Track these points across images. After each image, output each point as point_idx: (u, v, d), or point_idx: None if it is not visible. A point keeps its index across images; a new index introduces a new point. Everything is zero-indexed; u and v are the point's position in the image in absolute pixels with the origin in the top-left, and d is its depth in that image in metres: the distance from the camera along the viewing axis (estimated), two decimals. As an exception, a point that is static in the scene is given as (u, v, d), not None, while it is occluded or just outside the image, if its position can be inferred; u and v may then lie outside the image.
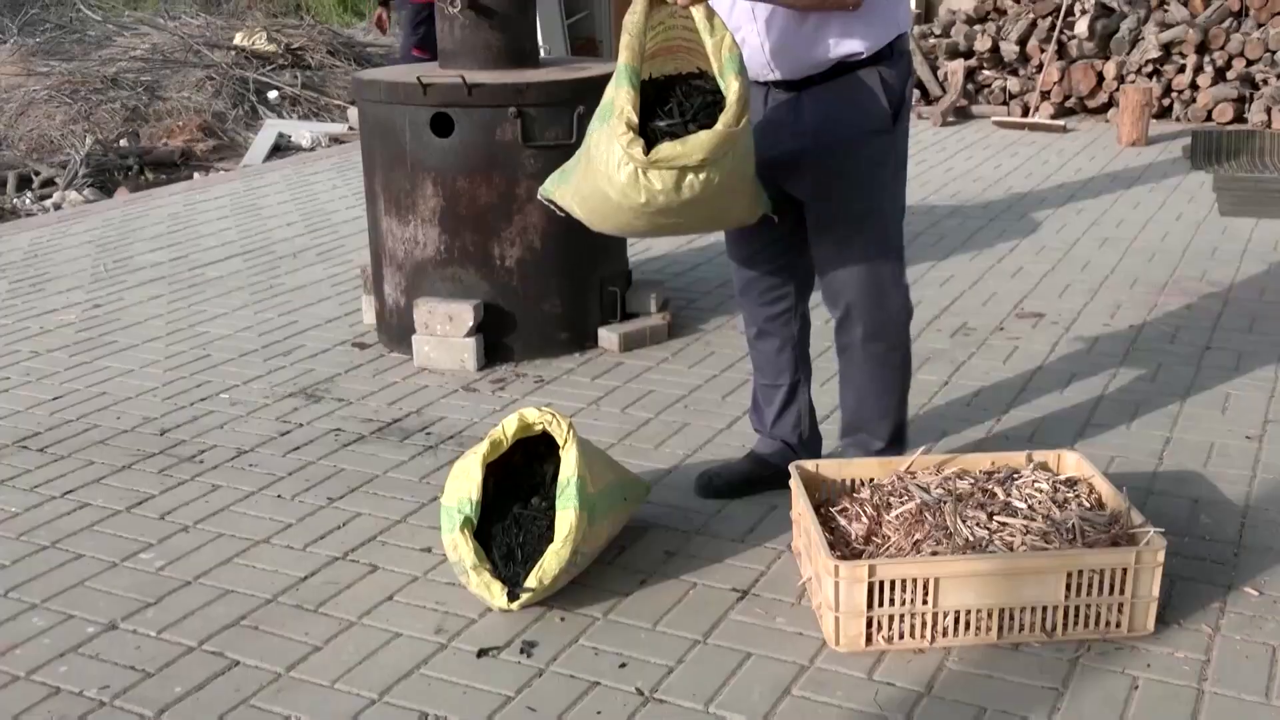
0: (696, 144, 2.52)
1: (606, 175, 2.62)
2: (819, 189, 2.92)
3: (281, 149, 9.14)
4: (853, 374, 3.11)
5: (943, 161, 7.49)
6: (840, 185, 2.90)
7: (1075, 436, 3.55)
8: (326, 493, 3.31)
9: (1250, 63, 8.62)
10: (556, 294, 4.26)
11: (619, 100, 2.57)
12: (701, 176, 2.56)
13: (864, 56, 2.83)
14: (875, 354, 3.05)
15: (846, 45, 2.80)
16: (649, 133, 2.59)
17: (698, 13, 2.61)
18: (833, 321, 3.08)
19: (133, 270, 5.57)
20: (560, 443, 2.69)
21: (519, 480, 2.79)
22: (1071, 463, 2.94)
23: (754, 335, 3.24)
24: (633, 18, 2.61)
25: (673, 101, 2.69)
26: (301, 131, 9.39)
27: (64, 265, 5.67)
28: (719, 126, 2.53)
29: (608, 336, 4.36)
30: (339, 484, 3.36)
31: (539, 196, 3.01)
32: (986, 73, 9.48)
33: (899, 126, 2.94)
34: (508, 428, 2.74)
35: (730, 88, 2.56)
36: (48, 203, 7.62)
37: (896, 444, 3.14)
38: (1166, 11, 8.97)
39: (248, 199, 7.04)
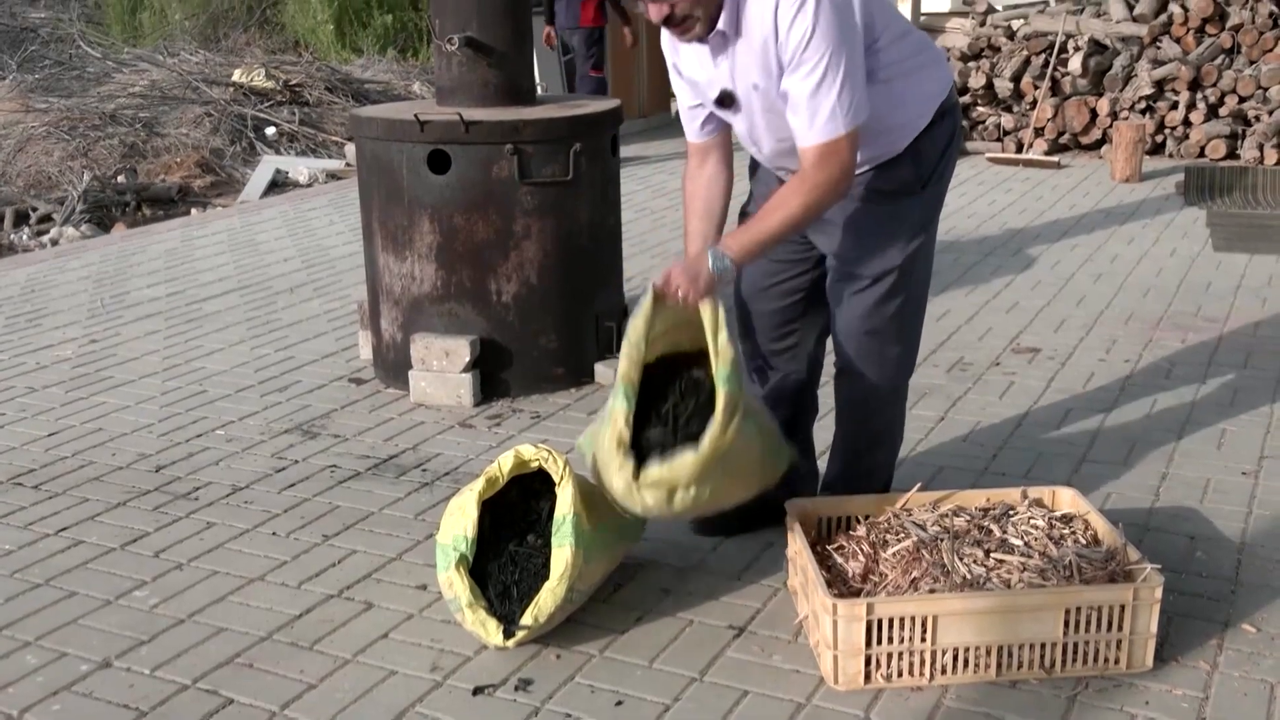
0: (682, 467, 2.55)
1: (608, 478, 2.66)
2: (841, 247, 2.87)
3: (279, 185, 9.17)
4: (842, 424, 3.13)
5: (938, 197, 7.51)
6: (857, 246, 2.85)
7: (1071, 472, 3.55)
8: (322, 530, 3.30)
9: (1242, 99, 8.68)
10: (553, 329, 4.27)
11: (614, 414, 2.61)
12: (692, 492, 2.59)
13: (901, 150, 2.82)
14: (865, 402, 3.06)
15: (894, 142, 2.80)
16: (642, 441, 2.62)
17: (705, 311, 2.62)
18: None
19: (129, 306, 5.57)
20: (556, 480, 2.69)
21: (515, 517, 2.78)
22: (1067, 499, 2.94)
23: (754, 370, 3.17)
24: (636, 323, 2.62)
25: (669, 401, 2.69)
26: (299, 168, 9.42)
27: (61, 301, 5.67)
28: (704, 447, 2.54)
29: (604, 372, 4.37)
30: (334, 521, 3.35)
31: (577, 450, 2.92)
32: (981, 109, 9.54)
33: (930, 189, 2.88)
34: (504, 465, 2.74)
35: (719, 401, 2.56)
36: (45, 238, 7.64)
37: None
38: (1159, 49, 9.03)
39: (245, 235, 7.05)
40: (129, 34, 16.85)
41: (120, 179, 8.94)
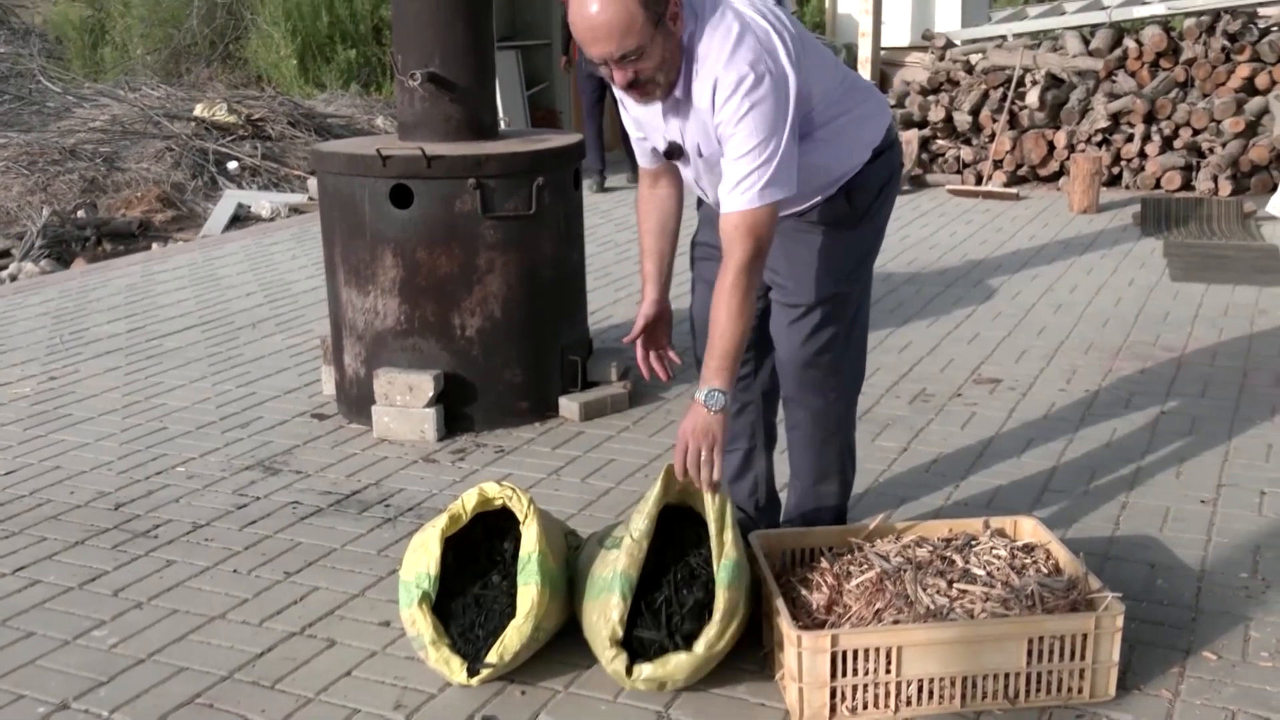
0: (677, 666, 2.53)
1: (597, 649, 2.62)
2: (779, 274, 2.91)
3: (241, 219, 9.13)
4: (794, 447, 3.14)
5: (899, 229, 7.58)
6: (795, 273, 2.89)
7: (1033, 502, 3.58)
8: (283, 567, 3.28)
9: (1196, 132, 8.82)
10: (517, 363, 4.26)
11: (609, 606, 2.54)
12: (682, 681, 2.58)
13: (844, 183, 2.86)
14: (805, 435, 3.08)
15: (833, 184, 2.84)
16: (633, 639, 2.57)
17: (712, 504, 2.60)
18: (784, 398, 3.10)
19: (89, 342, 5.53)
20: (521, 518, 2.68)
21: (479, 554, 2.77)
22: (1029, 529, 2.96)
23: None
24: (639, 523, 2.59)
25: (664, 593, 2.62)
26: (261, 202, 9.39)
27: (19, 337, 5.62)
28: (699, 649, 2.52)
29: (568, 406, 4.37)
30: (296, 558, 3.33)
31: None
32: (940, 142, 9.64)
33: (866, 223, 2.92)
34: (467, 502, 2.73)
35: (718, 604, 2.54)
36: (3, 274, 7.57)
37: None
38: (1114, 82, 9.17)
39: (206, 269, 7.02)
40: (90, 69, 16.77)
41: (80, 214, 8.88)
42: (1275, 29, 9.26)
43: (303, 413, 4.52)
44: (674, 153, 2.78)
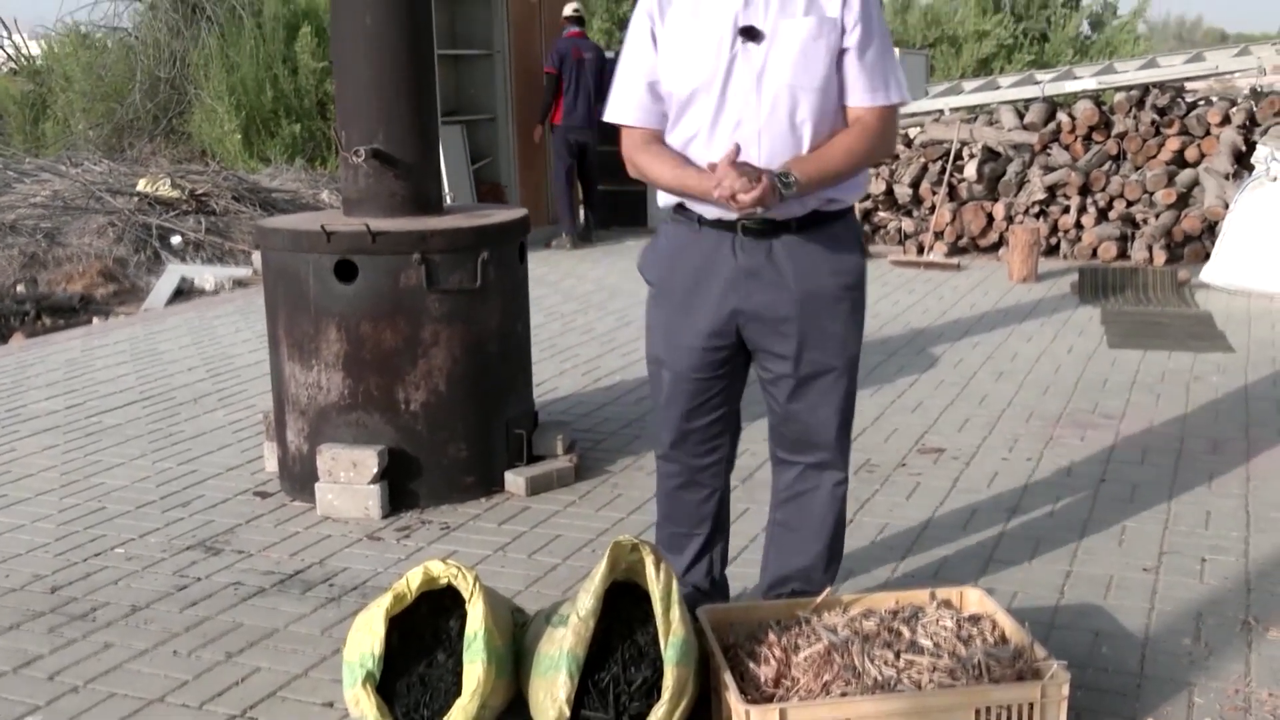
0: None
1: None
2: (803, 344, 2.87)
3: (184, 293, 9.07)
4: (805, 522, 3.06)
5: (842, 300, 7.65)
6: (826, 340, 2.88)
7: (978, 572, 3.59)
8: (225, 647, 3.22)
9: (1130, 203, 9.02)
10: (462, 438, 4.25)
11: (557, 685, 2.52)
12: None
13: (846, 205, 2.89)
14: (839, 496, 3.06)
15: (840, 192, 2.84)
16: (581, 718, 2.55)
17: (657, 582, 2.59)
18: (786, 471, 3.06)
19: (26, 420, 5.44)
20: (466, 596, 2.66)
21: (424, 632, 2.74)
22: (974, 599, 2.97)
23: (677, 486, 3.13)
24: (586, 601, 2.58)
25: (611, 671, 2.60)
26: (205, 275, 9.34)
27: (-46, 416, 5.52)
28: None
29: (514, 480, 4.35)
30: (238, 638, 3.27)
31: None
32: (882, 214, 9.79)
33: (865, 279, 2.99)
34: (412, 581, 2.70)
35: (668, 681, 2.53)
36: (-61, 351, 7.45)
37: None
38: (1049, 155, 9.37)
39: (148, 344, 6.95)
40: (31, 144, 16.67)
41: (20, 288, 8.78)
42: (1202, 103, 9.53)
43: (245, 490, 4.47)
44: (750, 34, 2.71)
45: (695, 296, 2.90)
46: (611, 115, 2.90)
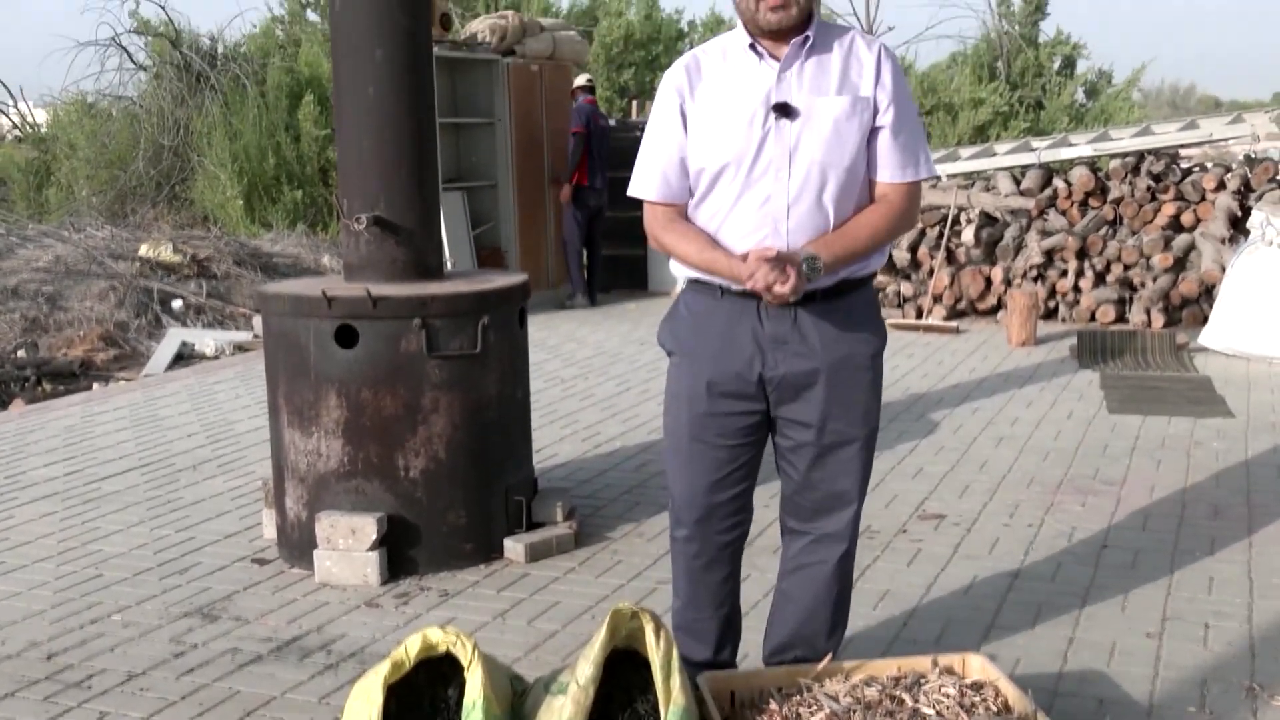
0: None
1: None
2: (828, 413, 2.87)
3: (185, 358, 9.08)
4: (812, 591, 3.03)
5: (842, 364, 7.66)
6: (850, 410, 2.88)
7: (981, 639, 3.57)
8: (222, 716, 3.19)
9: (1128, 267, 9.07)
10: (461, 505, 4.23)
11: None
12: None
13: (871, 272, 2.91)
14: (846, 569, 3.04)
15: (865, 262, 2.86)
16: None
17: (657, 651, 2.58)
18: (795, 541, 3.04)
19: (24, 486, 5.42)
20: (465, 664, 2.64)
21: (422, 701, 2.71)
22: (977, 666, 2.95)
23: (702, 566, 3.08)
24: (586, 669, 2.58)
25: None
26: (205, 340, 9.36)
27: (-48, 482, 5.51)
28: None
29: (513, 547, 4.33)
30: (234, 707, 3.24)
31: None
32: (881, 277, 9.83)
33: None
34: (410, 648, 2.68)
35: None
36: (-61, 417, 7.45)
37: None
38: (1046, 220, 9.44)
39: (148, 409, 6.95)
40: (34, 210, 16.78)
41: (20, 354, 8.80)
42: (1197, 169, 9.61)
43: (243, 557, 4.45)
44: (783, 110, 2.73)
45: (722, 363, 2.88)
46: (636, 190, 2.91)
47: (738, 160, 2.76)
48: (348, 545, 4.10)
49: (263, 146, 15.52)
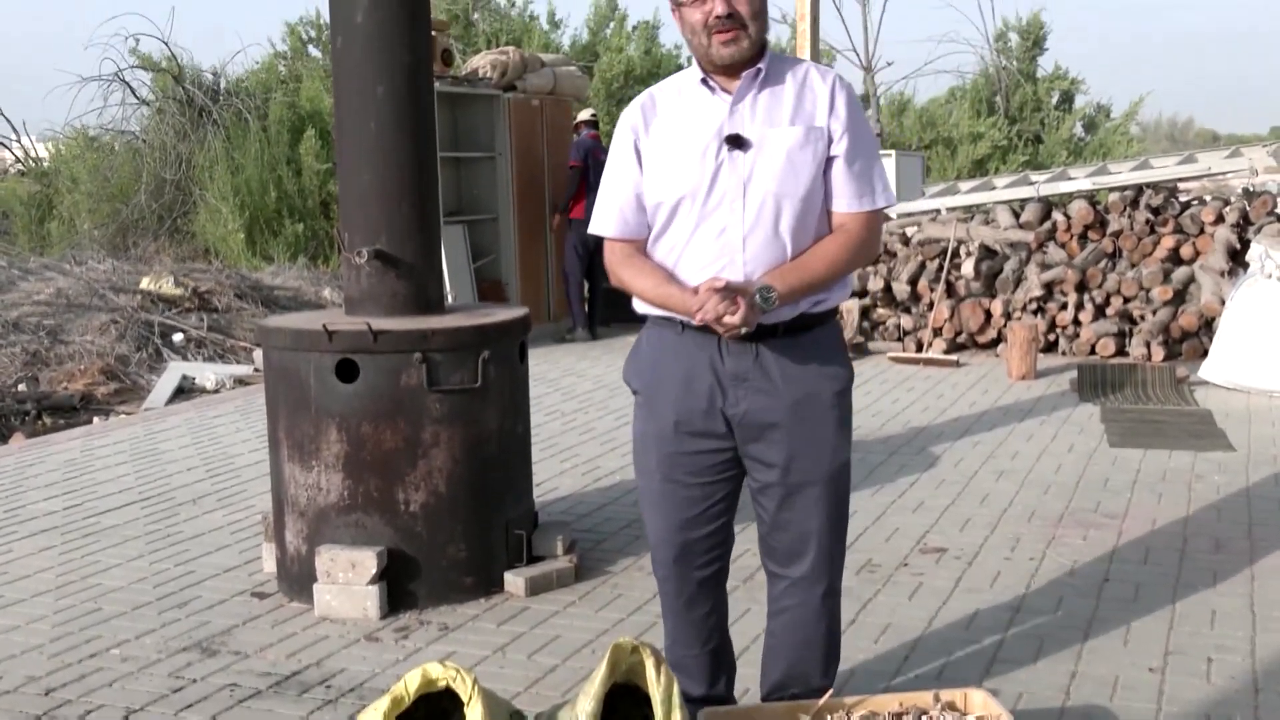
0: None
1: None
2: (794, 452, 2.84)
3: (185, 391, 9.08)
4: (800, 633, 3.01)
5: (842, 397, 7.66)
6: (817, 448, 2.85)
7: (983, 673, 3.55)
8: (219, 754, 3.17)
9: (1127, 300, 9.08)
10: (461, 538, 4.23)
11: None
12: None
13: (833, 306, 2.89)
14: (831, 607, 3.01)
15: (828, 292, 2.83)
16: None
17: (656, 685, 2.59)
18: (775, 584, 3.02)
19: (24, 520, 5.41)
20: (465, 699, 2.63)
21: (421, 737, 2.70)
22: (979, 701, 2.94)
23: (683, 604, 3.08)
24: (586, 704, 2.57)
25: None
26: (206, 374, 9.36)
27: (-48, 516, 5.50)
28: None
29: (513, 581, 4.32)
30: (233, 744, 3.23)
31: None
32: (881, 311, 9.84)
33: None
34: (410, 684, 2.67)
35: None
36: (-61, 450, 7.44)
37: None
38: (1046, 253, 9.46)
39: (148, 443, 6.94)
40: (36, 243, 16.83)
41: (20, 387, 8.80)
42: (1195, 203, 9.64)
43: (242, 591, 4.44)
44: (735, 142, 2.74)
45: (686, 401, 2.86)
46: (595, 227, 2.93)
47: (693, 193, 2.77)
48: (347, 579, 4.09)
49: (264, 180, 15.59)
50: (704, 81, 2.80)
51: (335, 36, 4.29)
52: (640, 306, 2.93)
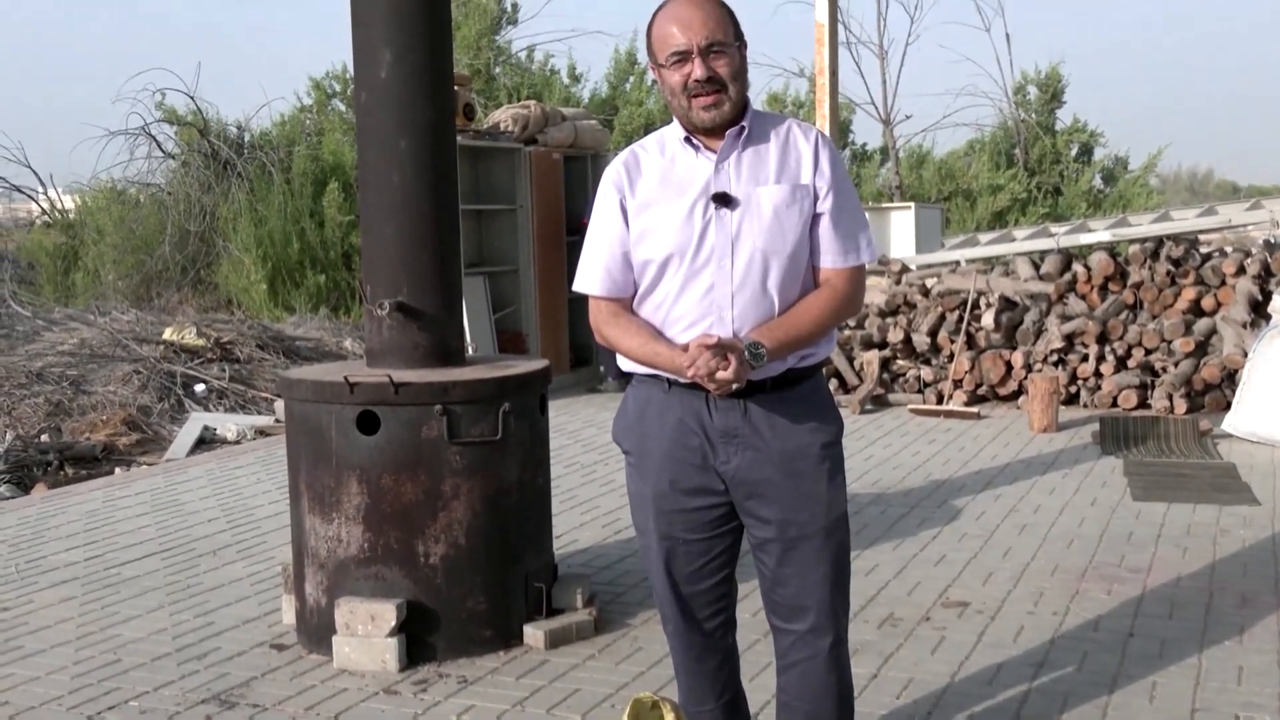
0: None
1: None
2: (788, 507, 2.84)
3: (207, 442, 9.11)
4: (811, 688, 2.97)
5: (862, 449, 7.65)
6: (811, 502, 2.84)
7: (1007, 730, 3.52)
8: (237, 808, 3.16)
9: (1149, 352, 9.04)
10: (481, 591, 4.21)
11: None
12: None
13: (820, 360, 2.89)
14: (839, 656, 2.98)
15: (814, 347, 2.84)
16: None
17: None
18: (781, 640, 2.98)
19: (45, 571, 5.43)
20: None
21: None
22: (1004, 760, 2.90)
23: (695, 658, 3.07)
24: None
25: None
26: (228, 424, 9.40)
27: (-27, 566, 5.51)
28: None
29: (533, 634, 4.30)
30: (251, 798, 3.21)
31: None
32: (901, 362, 9.82)
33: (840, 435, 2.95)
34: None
35: None
36: (-39, 500, 7.47)
37: None
38: (1066, 305, 9.44)
39: (169, 494, 6.96)
40: (61, 294, 16.98)
41: (43, 438, 8.85)
42: (1216, 254, 9.62)
43: (262, 643, 4.43)
44: (722, 200, 2.75)
45: (677, 459, 2.86)
46: (580, 285, 2.93)
47: (681, 251, 2.77)
48: (367, 631, 4.08)
49: (287, 232, 15.73)
50: (687, 140, 2.82)
51: (360, 91, 4.35)
52: (626, 364, 2.92)
